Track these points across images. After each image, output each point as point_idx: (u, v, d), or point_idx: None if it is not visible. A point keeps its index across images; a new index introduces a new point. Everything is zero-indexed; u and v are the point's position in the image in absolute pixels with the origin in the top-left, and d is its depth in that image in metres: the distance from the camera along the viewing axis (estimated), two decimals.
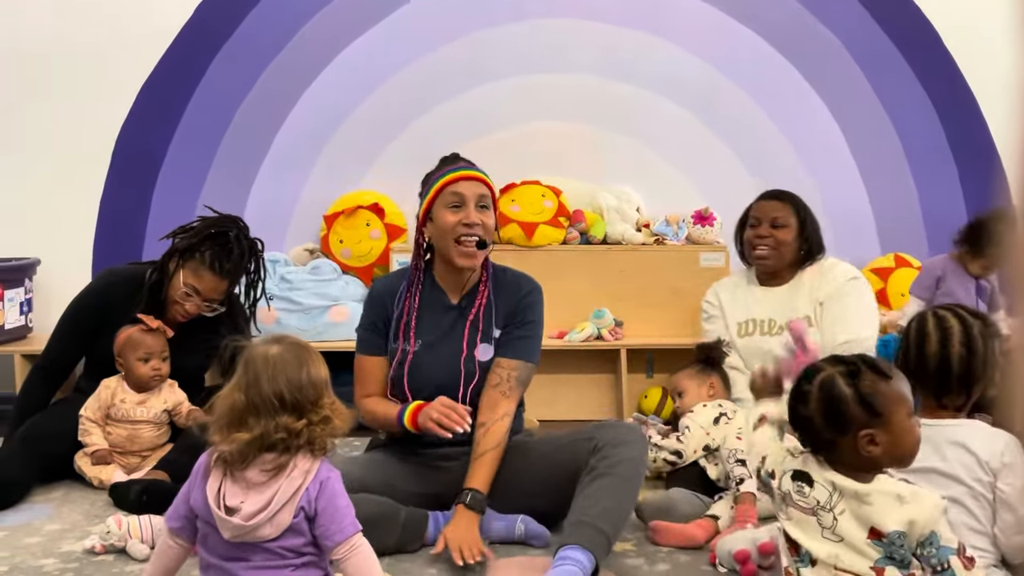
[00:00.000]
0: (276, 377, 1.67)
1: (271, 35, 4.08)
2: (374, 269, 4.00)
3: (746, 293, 3.06)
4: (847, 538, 1.62)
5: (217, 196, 4.09)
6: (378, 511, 2.22)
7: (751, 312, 3.01)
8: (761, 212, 3.00)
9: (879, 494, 1.61)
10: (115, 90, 4.05)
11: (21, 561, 2.29)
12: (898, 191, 4.12)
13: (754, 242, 2.99)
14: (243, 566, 1.67)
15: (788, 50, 4.11)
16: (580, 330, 3.75)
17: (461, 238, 2.38)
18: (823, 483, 1.65)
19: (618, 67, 4.09)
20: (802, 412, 1.68)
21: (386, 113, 4.10)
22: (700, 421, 2.67)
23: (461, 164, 2.46)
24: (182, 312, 2.94)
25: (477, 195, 2.40)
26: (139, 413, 2.89)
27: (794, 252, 2.97)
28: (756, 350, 2.92)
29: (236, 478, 1.68)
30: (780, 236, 2.95)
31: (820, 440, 1.66)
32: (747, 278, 3.09)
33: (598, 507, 2.13)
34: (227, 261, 2.92)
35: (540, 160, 4.06)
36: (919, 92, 4.11)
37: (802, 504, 1.66)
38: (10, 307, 3.77)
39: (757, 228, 2.99)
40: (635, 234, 3.93)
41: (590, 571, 2.03)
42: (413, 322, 2.45)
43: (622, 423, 2.51)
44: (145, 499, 2.56)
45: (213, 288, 2.93)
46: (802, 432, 1.70)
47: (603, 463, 2.20)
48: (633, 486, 2.20)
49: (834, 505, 1.63)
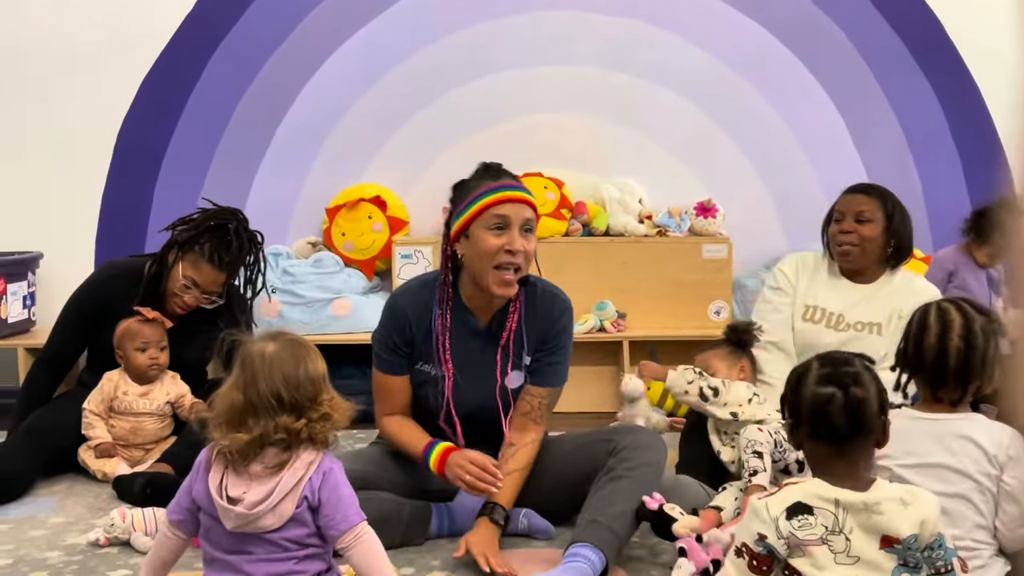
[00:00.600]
0: (273, 376, 1.67)
1: (272, 28, 4.07)
2: (376, 262, 4.00)
3: (826, 280, 2.90)
4: (862, 556, 1.55)
5: (219, 189, 4.08)
6: (381, 510, 2.18)
7: (822, 300, 2.86)
8: (846, 206, 2.83)
9: (887, 501, 1.56)
10: (116, 84, 4.04)
11: (26, 554, 2.30)
12: (901, 183, 4.07)
13: (838, 238, 2.82)
14: (246, 559, 1.68)
15: (792, 41, 4.09)
16: (583, 322, 3.75)
17: (501, 264, 2.20)
18: (824, 506, 1.57)
19: (621, 58, 4.08)
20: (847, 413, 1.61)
21: (388, 106, 4.09)
22: (735, 397, 2.57)
23: (507, 183, 2.25)
24: (181, 304, 2.95)
25: (523, 219, 2.21)
26: (142, 405, 2.90)
27: (880, 249, 2.80)
28: (813, 340, 2.78)
29: (238, 471, 1.68)
30: (864, 232, 2.78)
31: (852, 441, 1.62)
32: (830, 265, 2.92)
33: (614, 509, 2.12)
34: (226, 253, 2.92)
35: (542, 152, 4.05)
36: (923, 84, 4.10)
37: (810, 538, 1.56)
38: (13, 301, 3.78)
39: (841, 223, 2.82)
40: (638, 226, 3.92)
41: (599, 571, 2.03)
42: (448, 344, 2.30)
43: (643, 428, 2.50)
44: (149, 492, 2.56)
45: (212, 280, 2.93)
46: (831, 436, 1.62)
47: (622, 465, 2.19)
48: (650, 492, 2.17)
49: (843, 526, 1.56)
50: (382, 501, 2.23)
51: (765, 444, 2.37)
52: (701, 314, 3.81)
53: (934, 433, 1.82)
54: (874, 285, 2.85)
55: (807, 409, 1.64)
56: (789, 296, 2.90)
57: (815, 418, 1.63)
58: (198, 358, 3.09)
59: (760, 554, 1.58)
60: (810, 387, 1.64)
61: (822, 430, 1.62)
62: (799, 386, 1.66)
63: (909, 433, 1.85)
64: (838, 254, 2.85)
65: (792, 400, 1.67)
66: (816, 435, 1.64)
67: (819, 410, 1.62)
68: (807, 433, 1.65)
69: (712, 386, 2.57)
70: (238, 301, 3.08)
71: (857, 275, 2.87)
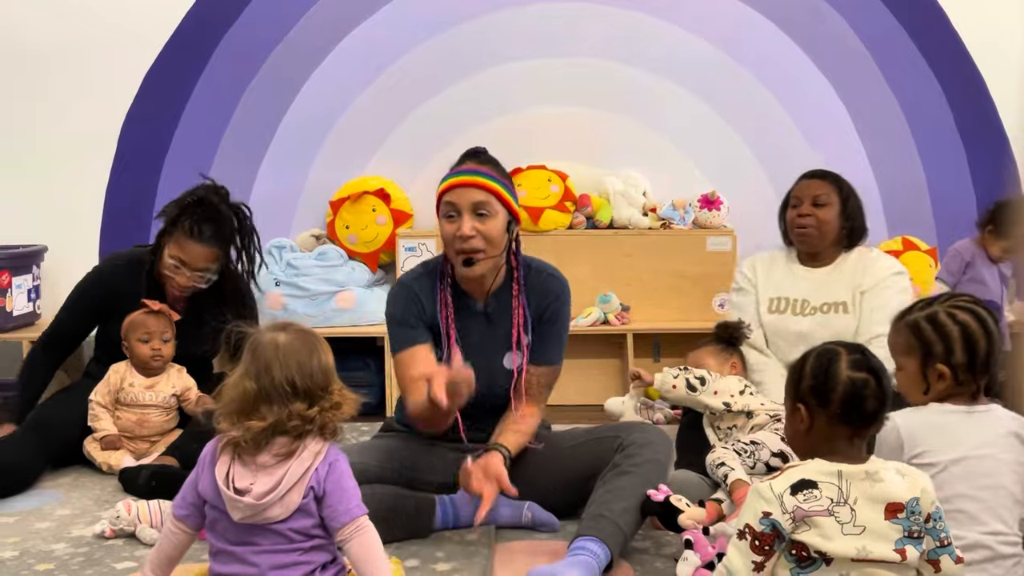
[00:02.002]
0: (287, 364, 1.67)
1: (275, 21, 4.06)
2: (380, 254, 4.00)
3: (784, 270, 2.99)
4: (868, 526, 1.58)
5: (223, 182, 4.00)
6: (387, 503, 2.20)
7: (784, 290, 2.95)
8: (802, 192, 2.94)
9: (885, 470, 1.61)
10: (120, 78, 4.05)
11: (32, 546, 2.30)
12: (906, 174, 4.10)
13: (796, 222, 2.93)
14: (252, 550, 1.68)
15: (796, 33, 4.08)
16: (586, 315, 3.75)
17: (459, 250, 2.27)
18: (828, 479, 1.61)
19: (625, 51, 4.07)
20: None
21: (391, 98, 4.09)
22: (725, 386, 2.63)
23: (464, 167, 2.30)
24: (176, 286, 2.94)
25: (472, 203, 2.24)
26: (147, 397, 2.91)
27: (836, 231, 2.91)
28: (784, 330, 2.88)
29: (246, 462, 1.68)
30: (821, 215, 2.89)
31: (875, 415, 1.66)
32: (787, 255, 3.02)
33: (620, 504, 2.13)
34: (207, 227, 2.90)
35: (546, 144, 4.05)
36: (928, 74, 4.08)
37: (817, 508, 1.59)
38: (18, 294, 3.79)
39: (799, 207, 2.92)
40: (641, 218, 3.92)
41: (604, 564, 2.04)
42: (453, 329, 2.34)
43: (649, 425, 2.51)
44: (154, 484, 2.57)
45: (199, 256, 2.91)
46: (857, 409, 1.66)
47: (627, 461, 2.21)
48: (656, 487, 2.18)
49: (847, 496, 1.60)
50: (387, 495, 2.24)
51: (725, 455, 2.42)
52: (705, 307, 3.81)
53: (978, 423, 1.82)
54: (831, 267, 2.93)
55: (840, 392, 1.66)
56: (751, 294, 2.99)
57: (848, 401, 1.65)
58: (204, 351, 3.09)
59: (763, 532, 1.60)
60: (845, 371, 1.67)
61: (852, 414, 1.65)
62: (830, 369, 1.68)
63: (952, 427, 1.83)
64: (797, 238, 2.94)
65: (821, 383, 1.69)
66: (843, 418, 1.66)
67: (856, 394, 1.65)
68: (832, 415, 1.67)
69: (698, 376, 2.64)
70: (244, 295, 3.08)
71: (814, 259, 2.95)
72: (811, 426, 1.70)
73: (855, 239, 2.95)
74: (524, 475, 2.30)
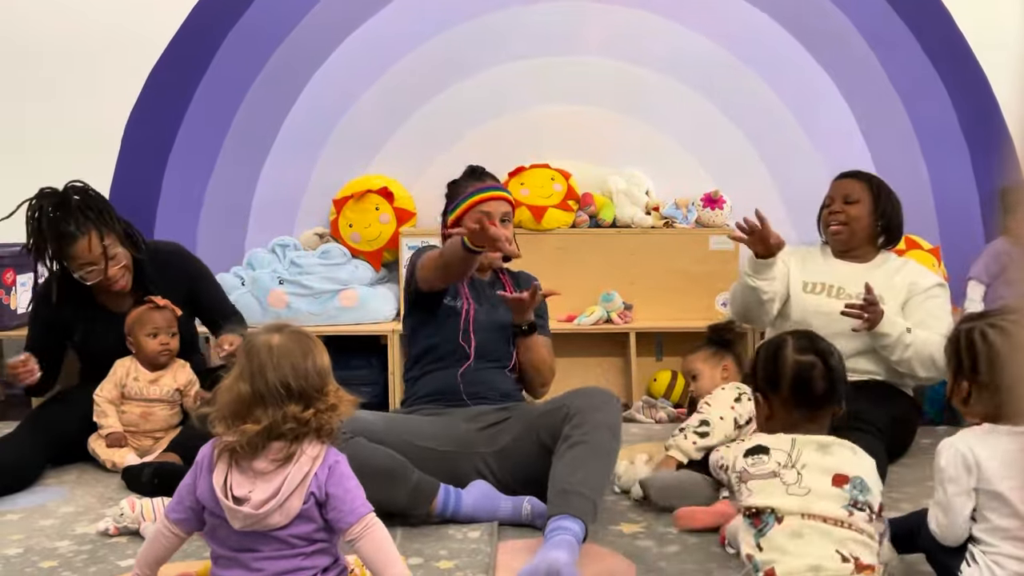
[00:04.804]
0: (281, 366, 1.67)
1: (279, 19, 4.07)
2: (383, 253, 4.00)
3: (820, 260, 3.07)
4: (814, 488, 1.66)
5: (226, 181, 4.10)
6: (392, 466, 2.28)
7: (820, 276, 3.01)
8: (835, 190, 3.05)
9: (838, 446, 1.69)
10: (124, 77, 4.05)
11: (36, 543, 2.31)
12: (909, 173, 4.09)
13: (828, 219, 3.03)
14: (254, 556, 1.68)
15: (799, 31, 4.07)
16: (589, 313, 3.75)
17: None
18: (780, 447, 1.69)
19: (628, 50, 4.06)
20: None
21: (395, 97, 4.09)
22: (721, 410, 2.57)
23: (490, 184, 2.77)
24: (108, 282, 2.92)
25: (501, 212, 2.72)
26: (152, 392, 2.93)
27: (868, 228, 2.99)
28: (817, 311, 2.91)
29: (243, 468, 1.67)
30: (852, 212, 2.98)
31: None
32: (822, 250, 3.11)
33: (578, 474, 2.19)
34: (67, 222, 2.87)
35: (549, 143, 4.05)
36: (932, 74, 4.08)
37: (760, 472, 1.69)
38: (22, 292, 3.79)
39: (831, 206, 3.03)
40: (645, 217, 3.92)
41: (581, 537, 2.10)
42: (465, 281, 2.72)
43: (595, 388, 2.49)
44: (157, 482, 2.58)
45: (86, 248, 2.87)
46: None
47: (577, 431, 2.27)
48: (610, 450, 2.30)
49: (795, 460, 1.68)
50: (394, 459, 2.30)
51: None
52: (708, 306, 3.80)
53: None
54: (869, 264, 3.00)
55: (789, 376, 1.75)
56: (783, 267, 3.03)
57: (796, 384, 1.73)
58: (187, 332, 3.12)
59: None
60: (791, 356, 1.75)
61: (801, 396, 1.73)
62: (778, 355, 1.77)
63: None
64: (830, 235, 3.03)
65: (771, 369, 1.77)
66: (794, 401, 1.74)
67: (803, 375, 1.73)
68: (784, 399, 1.75)
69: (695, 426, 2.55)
70: (206, 279, 3.16)
71: (850, 255, 3.02)
72: (771, 413, 1.78)
73: (892, 238, 3.03)
74: (506, 447, 2.46)
